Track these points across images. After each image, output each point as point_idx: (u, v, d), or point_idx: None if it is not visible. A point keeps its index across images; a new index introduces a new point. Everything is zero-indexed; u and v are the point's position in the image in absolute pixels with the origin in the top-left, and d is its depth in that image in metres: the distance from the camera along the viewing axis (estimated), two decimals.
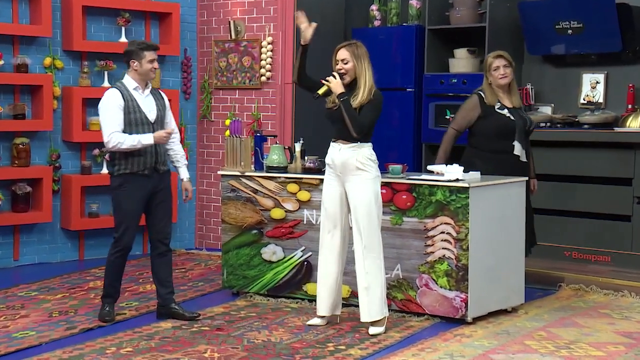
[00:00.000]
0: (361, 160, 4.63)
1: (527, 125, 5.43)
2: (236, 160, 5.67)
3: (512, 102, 5.43)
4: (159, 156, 4.94)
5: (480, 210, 4.92)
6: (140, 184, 4.88)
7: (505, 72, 5.38)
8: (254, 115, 7.17)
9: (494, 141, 5.43)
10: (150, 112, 4.93)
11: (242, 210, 5.63)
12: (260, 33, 7.16)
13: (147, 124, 4.90)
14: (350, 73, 4.66)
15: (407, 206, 5.05)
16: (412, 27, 7.14)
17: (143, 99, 4.92)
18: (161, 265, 5.01)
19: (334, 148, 4.70)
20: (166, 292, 5.01)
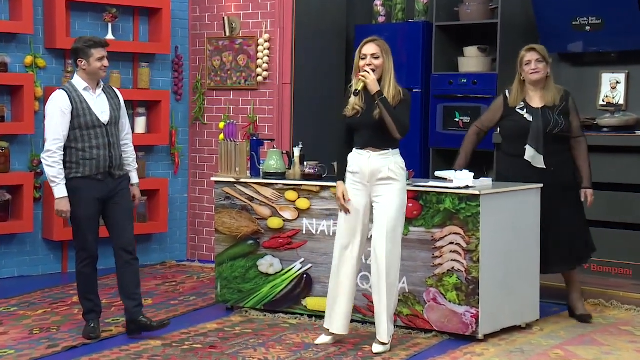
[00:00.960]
0: (394, 169, 4.64)
1: (550, 128, 5.29)
2: (231, 165, 5.67)
3: (544, 101, 5.33)
4: (113, 160, 4.94)
5: (492, 220, 4.92)
6: (93, 188, 4.88)
7: (537, 67, 5.31)
8: (250, 117, 7.17)
9: (509, 144, 5.44)
10: (103, 113, 4.93)
11: (237, 219, 5.63)
12: (257, 30, 7.17)
13: (100, 126, 4.89)
14: (378, 70, 4.65)
15: (413, 215, 5.05)
16: (418, 23, 7.15)
17: (94, 100, 4.92)
18: (126, 276, 4.97)
19: (361, 156, 4.66)
20: (134, 306, 4.97)
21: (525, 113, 5.36)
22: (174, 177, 7.48)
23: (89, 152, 4.86)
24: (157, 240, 7.43)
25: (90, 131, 4.86)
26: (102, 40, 5.00)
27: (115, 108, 5.00)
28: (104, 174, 4.91)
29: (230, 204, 5.65)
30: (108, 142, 4.92)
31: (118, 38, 7.03)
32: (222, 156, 5.73)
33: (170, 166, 7.47)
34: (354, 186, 4.72)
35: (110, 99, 5.00)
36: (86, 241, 4.92)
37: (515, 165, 5.37)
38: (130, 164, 5.12)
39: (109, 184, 4.94)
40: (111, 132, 4.94)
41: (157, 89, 7.28)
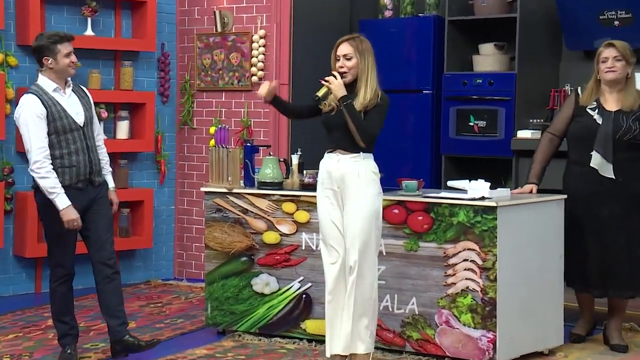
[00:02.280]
0: (364, 175, 4.64)
1: (620, 134, 5.17)
2: (222, 174, 5.67)
3: (621, 105, 5.24)
4: (93, 165, 4.94)
5: (510, 234, 4.92)
6: (74, 198, 4.86)
7: (614, 65, 5.21)
8: (244, 121, 7.18)
9: (574, 149, 5.37)
10: (78, 114, 4.93)
11: (229, 233, 5.62)
12: (251, 25, 7.18)
13: (77, 129, 4.90)
14: (352, 71, 4.68)
15: (423, 229, 5.05)
16: (429, 18, 7.16)
17: (67, 101, 4.93)
18: (108, 293, 4.96)
19: (330, 159, 4.71)
20: (117, 324, 4.95)
21: (595, 114, 5.26)
22: (159, 187, 7.48)
23: (68, 158, 4.86)
24: (141, 256, 7.42)
25: (67, 135, 4.86)
26: (67, 34, 4.99)
27: (88, 107, 5.01)
28: (84, 182, 4.91)
29: (222, 217, 5.64)
30: (86, 145, 4.92)
31: (98, 34, 7.04)
32: (212, 164, 5.72)
33: (155, 175, 7.47)
34: (325, 196, 4.74)
35: (81, 98, 5.00)
36: (64, 257, 4.91)
37: (579, 174, 5.29)
38: (104, 167, 5.11)
39: (90, 192, 4.94)
40: (88, 134, 4.95)
41: (142, 90, 7.28)
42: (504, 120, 6.65)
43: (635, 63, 5.34)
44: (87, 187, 4.92)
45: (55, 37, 4.90)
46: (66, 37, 4.94)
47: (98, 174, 4.98)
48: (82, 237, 5.00)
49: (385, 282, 5.09)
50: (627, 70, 5.25)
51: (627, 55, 5.24)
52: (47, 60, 4.88)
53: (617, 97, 5.28)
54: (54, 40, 4.88)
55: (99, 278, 4.97)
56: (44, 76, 4.93)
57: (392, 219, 5.09)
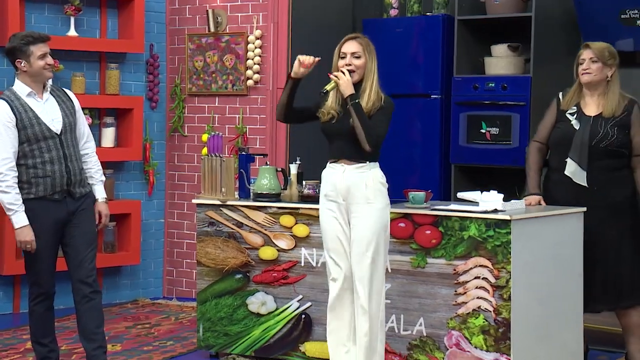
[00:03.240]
0: (372, 186, 4.66)
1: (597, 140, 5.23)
2: (215, 185, 5.67)
3: (602, 109, 5.31)
4: (72, 176, 4.93)
5: (525, 250, 4.92)
6: (50, 211, 4.87)
7: (589, 67, 5.30)
8: (239, 128, 7.19)
9: (553, 155, 5.45)
10: (54, 121, 4.92)
11: (222, 249, 5.62)
12: (247, 25, 7.19)
13: (51, 137, 4.88)
14: (359, 71, 4.71)
15: (432, 244, 5.05)
16: (437, 17, 7.16)
17: (42, 107, 4.92)
18: (86, 313, 4.95)
19: (334, 170, 4.72)
20: (93, 348, 4.94)
21: (574, 119, 5.34)
22: (148, 199, 7.49)
23: (42, 168, 4.85)
24: (128, 274, 7.42)
25: (40, 144, 4.85)
26: (41, 34, 4.98)
27: (69, 113, 5.00)
28: (61, 193, 4.90)
29: (215, 231, 5.64)
30: (63, 154, 4.91)
31: (82, 34, 7.06)
32: (205, 174, 5.73)
33: (143, 186, 7.48)
34: (328, 209, 4.75)
35: (61, 103, 4.99)
36: (40, 274, 4.90)
37: (558, 182, 5.36)
38: (93, 176, 5.11)
39: (69, 204, 4.93)
40: (66, 142, 4.93)
41: (129, 95, 7.29)
42: (518, 127, 6.65)
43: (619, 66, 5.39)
44: (64, 198, 4.91)
45: (28, 38, 4.89)
46: (40, 37, 4.92)
47: (79, 185, 4.97)
48: (63, 252, 5.00)
49: (391, 301, 5.09)
50: (605, 72, 5.32)
51: (604, 57, 5.31)
52: (20, 63, 4.88)
53: (597, 102, 5.36)
54: (27, 41, 4.87)
55: (77, 297, 4.96)
56: (19, 80, 4.93)
57: (398, 233, 5.09)
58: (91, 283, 4.95)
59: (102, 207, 5.12)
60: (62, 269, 5.09)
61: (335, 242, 4.73)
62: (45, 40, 4.94)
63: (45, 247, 4.87)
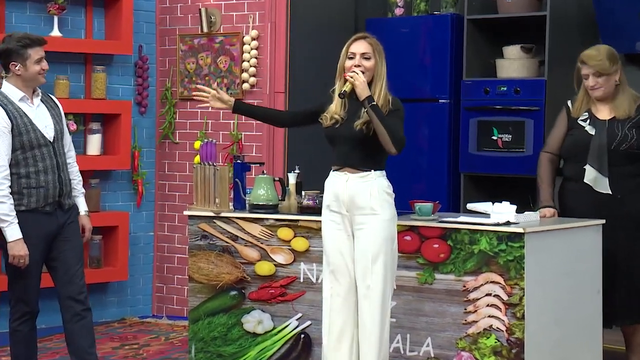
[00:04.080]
0: (377, 195, 4.67)
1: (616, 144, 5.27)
2: (209, 196, 5.67)
3: (615, 113, 5.37)
4: (64, 186, 4.96)
5: (540, 265, 4.92)
6: (41, 224, 4.89)
7: (596, 82, 5.37)
8: (233, 135, 7.19)
9: (567, 165, 5.50)
10: (47, 127, 4.95)
11: (216, 264, 5.62)
12: (242, 25, 7.20)
13: (45, 144, 4.91)
14: (369, 73, 4.73)
15: (440, 258, 5.05)
16: (446, 16, 7.17)
17: (34, 112, 4.94)
18: (78, 333, 4.97)
19: (338, 179, 4.73)
20: None
21: (587, 125, 5.38)
22: (136, 210, 7.48)
23: (35, 178, 4.87)
24: (115, 290, 7.41)
25: (35, 152, 4.87)
26: (39, 37, 5.01)
27: (58, 120, 5.04)
28: (52, 205, 4.91)
29: (208, 245, 5.64)
30: (57, 163, 4.94)
31: (66, 35, 7.06)
32: (197, 184, 5.73)
33: (131, 197, 7.47)
34: (331, 220, 4.76)
35: (50, 109, 5.02)
36: (27, 291, 4.91)
37: (575, 192, 5.37)
38: (75, 187, 5.14)
39: (59, 217, 4.95)
40: (58, 150, 4.97)
41: (116, 99, 7.29)
42: (532, 133, 6.66)
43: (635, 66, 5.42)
44: (55, 211, 4.93)
45: (25, 40, 4.91)
46: (38, 40, 4.95)
47: (68, 196, 4.99)
48: (48, 268, 5.00)
49: (396, 319, 5.09)
50: (612, 80, 5.38)
51: (606, 68, 5.35)
52: (15, 66, 4.89)
53: (609, 105, 5.40)
54: (24, 43, 4.89)
55: (68, 316, 4.97)
56: (9, 83, 4.93)
57: (403, 247, 5.09)
58: (83, 300, 4.98)
59: (85, 220, 5.15)
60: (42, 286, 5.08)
61: (337, 257, 4.73)
62: (42, 44, 4.96)
63: (34, 262, 4.88)
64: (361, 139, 4.67)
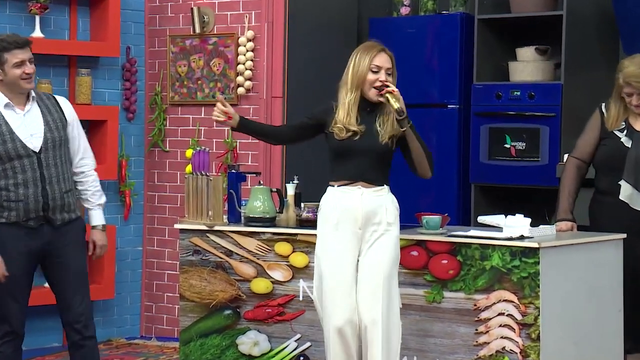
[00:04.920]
0: (392, 211, 4.76)
1: None
2: (201, 208, 5.67)
3: None
4: (50, 200, 4.93)
5: (556, 282, 4.91)
6: (21, 239, 4.88)
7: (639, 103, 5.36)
8: (228, 143, 7.19)
9: (601, 178, 5.48)
10: (33, 136, 4.92)
11: (209, 281, 5.62)
12: (237, 25, 7.21)
13: (27, 155, 4.89)
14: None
15: (449, 275, 5.05)
16: (455, 16, 7.18)
17: (20, 120, 4.92)
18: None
19: (350, 193, 4.74)
20: None
21: (623, 136, 5.38)
22: (123, 223, 7.48)
23: (14, 191, 4.86)
24: (100, 309, 7.40)
25: (14, 163, 4.86)
26: (18, 38, 4.98)
27: (56, 127, 5.00)
28: (36, 220, 4.91)
29: (201, 261, 5.64)
30: (40, 175, 4.91)
31: (49, 36, 7.06)
32: (189, 195, 5.73)
33: (118, 209, 7.47)
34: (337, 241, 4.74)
35: (47, 115, 5.00)
36: (7, 310, 4.90)
37: (609, 207, 5.37)
38: (89, 199, 5.14)
39: (46, 233, 4.94)
40: (46, 161, 4.93)
41: (102, 105, 7.29)
42: (548, 141, 6.66)
43: None
44: (40, 226, 4.92)
45: (3, 42, 4.90)
46: (19, 42, 4.92)
47: (61, 210, 4.96)
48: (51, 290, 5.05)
49: (403, 341, 5.07)
50: None
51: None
52: None
53: None
54: (1, 47, 4.88)
55: (68, 342, 5.05)
56: None
57: (410, 263, 5.09)
58: (80, 329, 4.99)
59: (97, 235, 5.14)
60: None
61: (347, 283, 4.72)
62: (23, 46, 4.92)
63: (12, 279, 4.87)
64: (382, 153, 4.74)
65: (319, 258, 4.80)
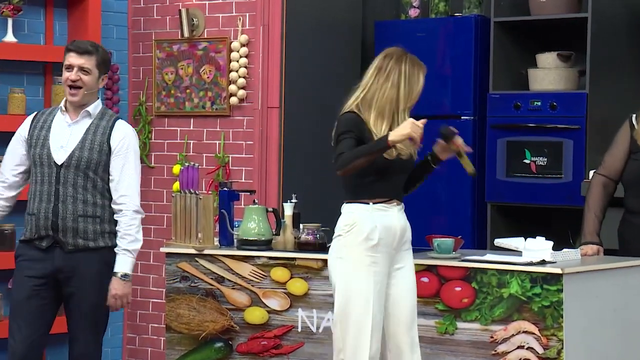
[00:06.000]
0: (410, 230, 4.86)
1: None
2: (190, 230, 5.67)
3: None
4: (61, 219, 4.96)
5: (581, 312, 4.92)
6: (33, 260, 4.93)
7: None
8: (219, 158, 7.19)
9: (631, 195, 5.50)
10: (62, 148, 4.99)
11: (199, 310, 5.62)
12: (230, 28, 7.22)
13: (49, 165, 4.96)
14: None
15: (463, 304, 5.05)
16: (469, 19, 7.20)
17: (64, 129, 5.03)
18: None
19: (388, 211, 4.77)
20: None
21: None
22: None
23: (31, 203, 4.96)
24: None
25: (37, 170, 4.99)
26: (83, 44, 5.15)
27: (90, 147, 5.03)
28: (47, 239, 4.95)
29: (189, 288, 5.64)
30: (55, 191, 4.96)
31: (22, 40, 7.06)
32: (177, 216, 5.73)
33: None
34: (373, 261, 4.73)
35: (91, 133, 5.05)
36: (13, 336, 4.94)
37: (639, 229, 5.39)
38: (118, 242, 5.12)
39: (57, 258, 4.97)
40: (65, 178, 4.98)
41: None
42: (572, 156, 6.66)
43: None
44: (52, 248, 4.95)
45: (69, 44, 5.16)
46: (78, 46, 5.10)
47: (73, 235, 4.98)
48: None
49: None
50: None
51: None
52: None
53: None
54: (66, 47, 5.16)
55: None
56: None
57: (420, 290, 5.07)
58: None
59: (114, 284, 5.09)
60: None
61: (378, 313, 4.73)
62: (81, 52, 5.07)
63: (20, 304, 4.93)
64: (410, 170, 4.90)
65: (348, 282, 4.74)
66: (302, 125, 7.17)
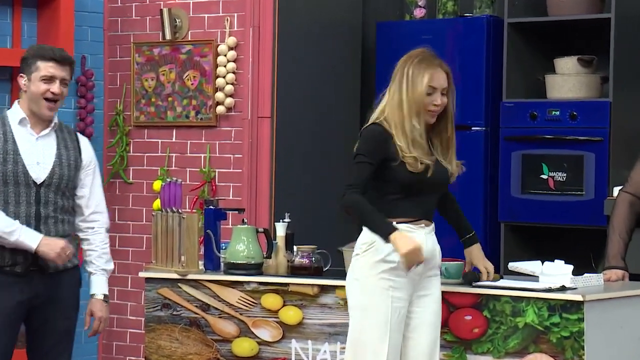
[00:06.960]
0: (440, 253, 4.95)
1: None
2: (172, 252, 5.67)
3: None
4: None
5: (604, 343, 4.91)
6: (9, 288, 4.92)
7: None
8: (204, 172, 7.19)
9: None
10: (39, 165, 4.97)
11: (181, 341, 5.61)
12: (216, 30, 7.23)
13: (26, 184, 4.94)
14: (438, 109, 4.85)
15: (474, 335, 5.04)
16: (480, 19, 7.21)
17: (31, 143, 4.99)
18: None
19: (416, 233, 4.80)
20: None
21: None
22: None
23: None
24: None
25: (9, 189, 4.92)
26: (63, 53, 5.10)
27: (67, 164, 5.05)
28: (24, 266, 4.94)
29: (171, 317, 5.63)
30: (36, 213, 4.96)
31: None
32: (157, 237, 5.73)
33: None
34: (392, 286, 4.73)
35: (62, 148, 5.05)
36: None
37: None
38: (93, 261, 5.17)
39: (36, 284, 4.98)
40: (46, 198, 4.98)
41: None
42: (594, 171, 6.67)
43: None
44: (28, 273, 4.94)
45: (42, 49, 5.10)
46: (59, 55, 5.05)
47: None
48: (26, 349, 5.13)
49: None
50: None
51: None
52: (22, 78, 5.03)
53: None
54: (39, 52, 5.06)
55: None
56: (17, 103, 5.07)
57: None
58: None
59: (97, 306, 5.18)
60: None
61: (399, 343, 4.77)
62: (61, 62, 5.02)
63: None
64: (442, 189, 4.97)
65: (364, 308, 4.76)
66: (296, 136, 7.17)
